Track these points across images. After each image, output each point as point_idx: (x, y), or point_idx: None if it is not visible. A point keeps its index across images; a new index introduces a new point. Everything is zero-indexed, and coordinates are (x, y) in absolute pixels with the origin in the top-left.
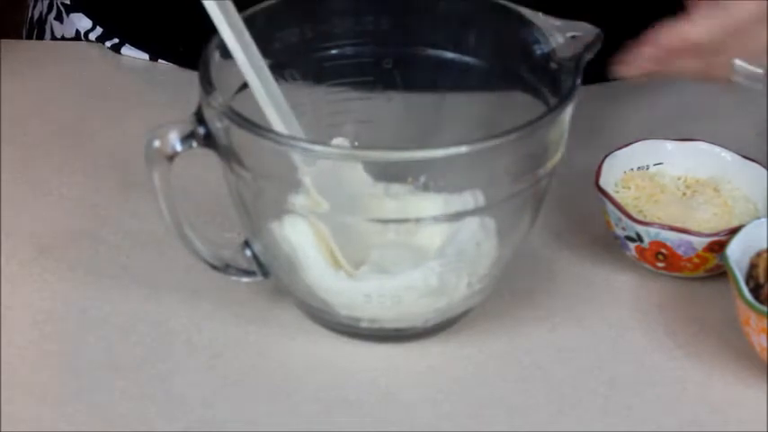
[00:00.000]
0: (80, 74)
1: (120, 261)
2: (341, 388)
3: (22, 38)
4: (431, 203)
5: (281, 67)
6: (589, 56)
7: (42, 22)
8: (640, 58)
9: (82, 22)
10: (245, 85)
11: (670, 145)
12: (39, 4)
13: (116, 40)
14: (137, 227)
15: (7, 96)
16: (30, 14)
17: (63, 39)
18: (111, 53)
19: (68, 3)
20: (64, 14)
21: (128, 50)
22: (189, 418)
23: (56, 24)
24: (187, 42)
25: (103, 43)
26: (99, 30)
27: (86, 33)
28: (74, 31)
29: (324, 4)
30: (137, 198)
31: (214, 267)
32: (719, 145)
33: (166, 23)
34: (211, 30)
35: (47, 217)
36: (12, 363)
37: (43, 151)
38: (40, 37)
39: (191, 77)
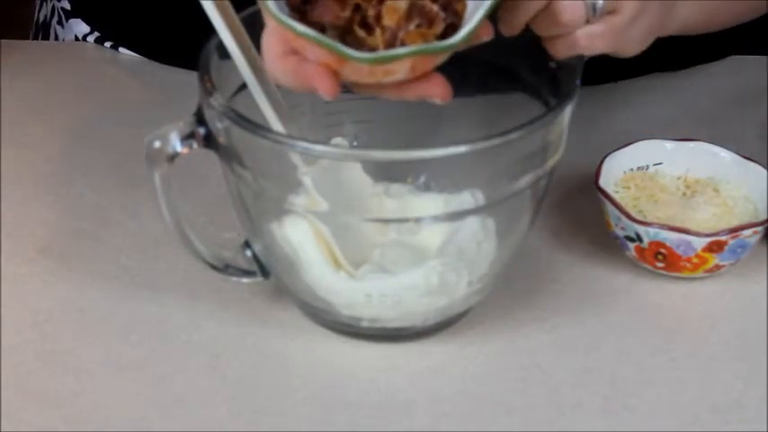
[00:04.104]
0: (80, 74)
1: (120, 261)
2: (341, 388)
3: (28, 37)
4: (431, 203)
5: None
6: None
7: (47, 26)
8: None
9: (80, 27)
10: (243, 86)
11: (670, 145)
12: (44, 8)
13: (113, 44)
14: (137, 227)
15: (7, 96)
16: (36, 17)
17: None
18: (110, 53)
19: (68, 8)
20: (64, 20)
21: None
22: (189, 418)
23: (58, 29)
24: (184, 45)
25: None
26: (96, 34)
27: (84, 37)
28: (72, 37)
29: None
30: (137, 198)
31: (214, 268)
32: (719, 145)
33: (162, 27)
34: (210, 31)
35: (47, 217)
36: (12, 363)
37: (43, 151)
38: (45, 40)
39: (189, 76)
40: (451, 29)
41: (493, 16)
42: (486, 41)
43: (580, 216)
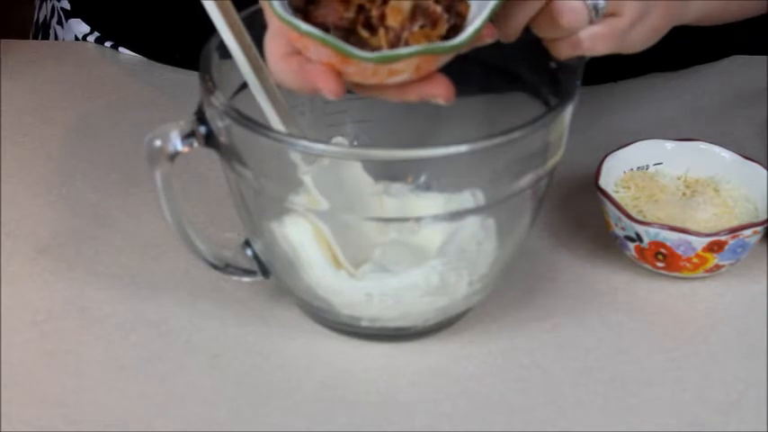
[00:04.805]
0: (80, 73)
1: (120, 261)
2: (341, 388)
3: (28, 37)
4: (431, 203)
5: None
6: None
7: (47, 26)
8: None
9: (80, 27)
10: (244, 85)
11: (670, 145)
12: (43, 8)
13: (113, 44)
14: (137, 227)
15: (7, 96)
16: (36, 17)
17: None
18: (110, 52)
19: (68, 8)
20: (63, 19)
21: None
22: (189, 418)
23: (58, 29)
24: (184, 45)
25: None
26: (96, 34)
27: (84, 37)
28: (72, 37)
29: None
30: (137, 198)
31: (215, 267)
32: (719, 145)
33: (162, 27)
34: (209, 32)
35: (47, 217)
36: (12, 363)
37: (43, 151)
38: (45, 40)
39: (190, 76)
40: (454, 31)
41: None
42: (488, 44)
43: (580, 216)
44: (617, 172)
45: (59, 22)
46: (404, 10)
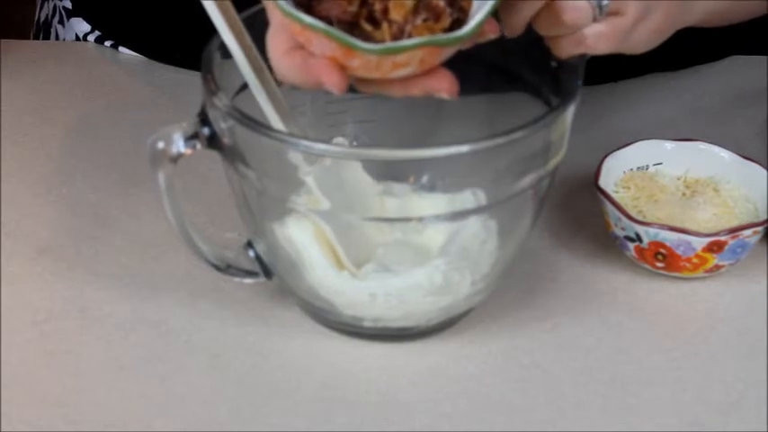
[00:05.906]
0: (80, 73)
1: (120, 261)
2: (341, 388)
3: (28, 37)
4: (433, 203)
5: None
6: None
7: (48, 25)
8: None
9: (81, 26)
10: (245, 86)
11: (670, 145)
12: (45, 8)
13: (113, 43)
14: (137, 227)
15: (7, 96)
16: (37, 17)
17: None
18: (110, 52)
19: (69, 7)
20: (65, 18)
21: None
22: (189, 418)
23: (59, 28)
24: (185, 45)
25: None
26: (97, 33)
27: (85, 36)
28: (73, 36)
29: None
30: (137, 198)
31: (217, 268)
32: (719, 145)
33: (163, 27)
34: (210, 32)
35: (47, 217)
36: (12, 363)
37: (43, 151)
38: (46, 39)
39: (190, 76)
40: (457, 26)
41: (498, 16)
42: (491, 39)
43: (580, 216)
44: (617, 172)
45: (60, 21)
46: (407, 4)
